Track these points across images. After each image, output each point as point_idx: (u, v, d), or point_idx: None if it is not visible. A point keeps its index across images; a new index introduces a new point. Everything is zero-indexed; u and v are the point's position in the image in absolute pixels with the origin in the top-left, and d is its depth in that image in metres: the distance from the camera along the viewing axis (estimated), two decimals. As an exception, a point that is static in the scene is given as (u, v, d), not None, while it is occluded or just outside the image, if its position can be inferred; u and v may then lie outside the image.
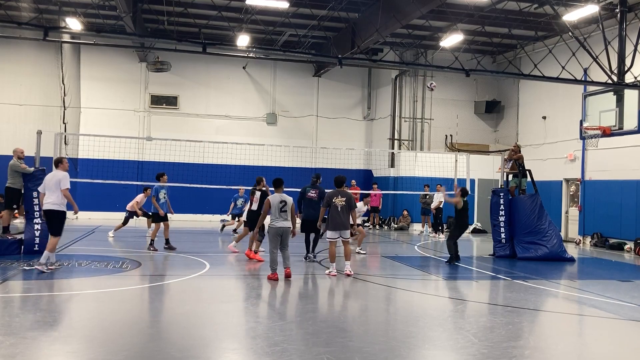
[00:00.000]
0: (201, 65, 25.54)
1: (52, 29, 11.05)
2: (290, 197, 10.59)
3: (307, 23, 20.62)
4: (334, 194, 10.99)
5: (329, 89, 27.42)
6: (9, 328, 6.54)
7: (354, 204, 11.26)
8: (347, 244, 11.17)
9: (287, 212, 10.43)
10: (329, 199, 10.99)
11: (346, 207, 11.00)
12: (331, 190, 11.13)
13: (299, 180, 22.87)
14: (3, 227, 13.04)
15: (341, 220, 10.93)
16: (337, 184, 11.18)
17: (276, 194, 10.61)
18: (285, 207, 10.41)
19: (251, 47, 21.42)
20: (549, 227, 15.15)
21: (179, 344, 6.30)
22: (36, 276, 10.12)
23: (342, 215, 10.92)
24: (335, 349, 6.19)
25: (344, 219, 10.95)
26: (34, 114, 23.26)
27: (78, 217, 23.89)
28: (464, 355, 6.19)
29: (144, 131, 25.09)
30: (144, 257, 12.76)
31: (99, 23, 18.54)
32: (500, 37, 22.07)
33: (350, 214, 11.35)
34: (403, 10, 17.29)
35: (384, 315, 8.28)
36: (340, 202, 10.94)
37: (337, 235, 11.03)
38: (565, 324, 8.21)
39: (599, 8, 15.30)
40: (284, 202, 10.42)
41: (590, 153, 19.88)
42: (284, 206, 10.39)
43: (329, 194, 11.06)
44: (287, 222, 10.46)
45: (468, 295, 10.11)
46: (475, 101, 26.16)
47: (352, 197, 11.19)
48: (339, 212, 10.93)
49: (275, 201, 10.43)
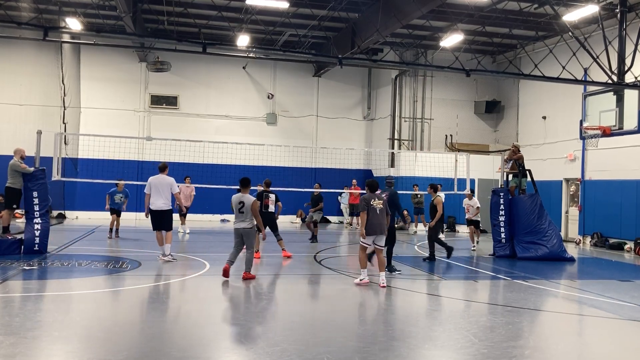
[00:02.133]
0: (201, 65, 25.54)
1: (52, 29, 11.05)
2: (252, 197, 10.24)
3: (307, 23, 20.62)
4: (370, 197, 10.23)
5: (329, 89, 27.42)
6: (9, 328, 6.54)
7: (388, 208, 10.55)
8: (380, 252, 10.29)
9: (244, 213, 10.12)
10: (367, 202, 10.17)
11: (384, 210, 10.26)
12: (366, 194, 10.34)
13: (299, 181, 23.01)
14: (3, 227, 13.03)
15: (379, 221, 10.10)
16: (372, 189, 10.35)
17: (238, 194, 10.38)
18: (243, 207, 10.13)
19: (251, 47, 21.42)
20: (549, 227, 15.15)
21: (179, 344, 6.30)
22: (36, 276, 10.12)
23: (380, 217, 10.14)
24: (335, 349, 6.19)
25: (382, 222, 10.14)
26: (34, 114, 23.25)
27: (78, 217, 23.95)
28: (464, 355, 6.19)
29: (144, 131, 25.09)
30: (144, 257, 12.76)
31: (99, 23, 18.54)
32: (500, 37, 22.06)
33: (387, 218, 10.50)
34: (403, 10, 17.29)
35: (384, 315, 8.28)
36: (378, 204, 10.16)
37: (370, 241, 10.14)
38: (565, 324, 8.21)
39: (599, 8, 15.29)
40: (242, 202, 10.15)
41: (590, 153, 19.88)
42: (241, 207, 10.13)
43: (365, 197, 10.26)
44: (245, 223, 10.15)
45: (468, 295, 10.11)
46: (475, 101, 26.16)
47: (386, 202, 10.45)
48: (377, 215, 10.12)
49: (235, 201, 10.26)
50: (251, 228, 10.18)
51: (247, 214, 10.11)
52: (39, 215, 12.87)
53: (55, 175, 14.37)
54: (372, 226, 10.06)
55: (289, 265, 12.65)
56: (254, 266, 10.59)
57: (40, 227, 12.81)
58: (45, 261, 11.76)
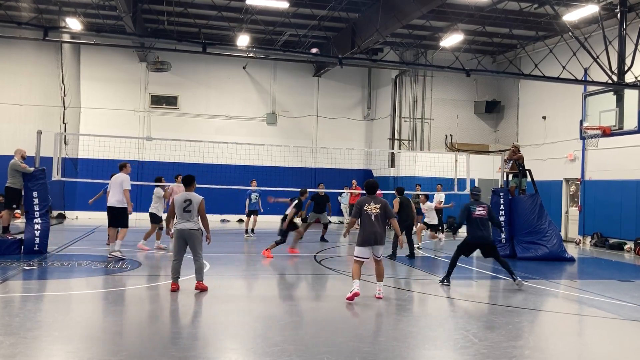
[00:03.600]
0: (201, 65, 25.54)
1: (52, 29, 11.05)
2: (201, 196, 9.15)
3: (307, 23, 20.62)
4: (366, 201, 8.93)
5: (329, 89, 27.42)
6: (9, 328, 6.54)
7: (392, 212, 9.16)
8: (379, 262, 9.06)
9: (191, 213, 8.98)
10: (359, 207, 8.90)
11: (381, 215, 8.85)
12: (362, 197, 9.10)
13: (299, 181, 23.00)
14: (3, 227, 13.04)
15: (375, 229, 8.78)
16: (370, 190, 9.09)
17: (183, 192, 9.33)
18: (189, 206, 9.00)
19: (251, 47, 21.42)
20: (549, 227, 15.15)
21: (179, 344, 6.30)
22: (36, 276, 10.11)
23: (376, 225, 8.80)
24: (335, 349, 6.19)
25: (379, 230, 8.83)
26: (34, 114, 23.25)
27: (78, 217, 23.95)
28: (464, 355, 6.19)
29: (144, 131, 25.09)
30: (144, 257, 12.76)
31: (99, 23, 18.53)
32: (500, 37, 22.06)
33: (391, 223, 9.25)
34: (403, 10, 17.28)
35: (384, 315, 8.28)
36: (373, 209, 8.85)
37: (367, 254, 8.90)
38: (565, 324, 8.21)
39: (599, 8, 15.29)
40: (189, 200, 9.03)
41: (590, 153, 19.87)
42: (188, 205, 9.01)
43: (360, 201, 8.99)
44: (191, 224, 8.98)
45: (468, 295, 10.10)
46: (475, 101, 26.16)
47: (389, 205, 9.14)
48: (372, 222, 8.78)
49: (180, 200, 9.10)
50: (197, 230, 9.04)
51: (193, 214, 9.01)
52: (39, 215, 12.88)
53: (55, 175, 14.37)
54: (367, 235, 8.78)
55: (289, 265, 12.64)
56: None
57: (40, 227, 12.81)
58: (45, 261, 11.76)
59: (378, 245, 8.88)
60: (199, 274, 9.09)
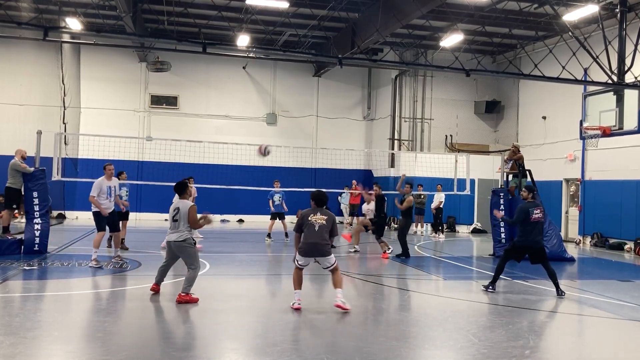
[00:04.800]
0: (201, 65, 25.54)
1: (52, 29, 11.04)
2: (190, 203, 8.45)
3: (307, 23, 20.62)
4: (311, 212, 8.24)
5: (329, 89, 27.42)
6: (9, 328, 6.54)
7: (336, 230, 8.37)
8: (336, 271, 8.23)
9: (178, 222, 8.31)
10: (302, 218, 8.23)
11: (325, 228, 8.12)
12: (307, 209, 8.38)
13: (299, 181, 23.02)
14: (3, 227, 13.03)
15: (317, 240, 8.06)
16: (318, 202, 8.34)
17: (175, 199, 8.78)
18: (177, 215, 8.33)
19: (251, 47, 21.42)
20: (549, 227, 15.13)
21: (179, 344, 6.30)
22: (36, 276, 10.11)
23: (320, 235, 8.07)
24: (335, 349, 6.19)
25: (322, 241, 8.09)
26: (34, 114, 23.25)
27: (78, 217, 23.96)
28: (464, 355, 6.19)
29: (144, 131, 25.09)
30: (144, 257, 12.76)
31: (99, 23, 18.52)
32: (500, 37, 22.06)
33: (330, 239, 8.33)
34: (403, 10, 17.29)
35: (384, 315, 8.28)
36: (319, 219, 8.12)
37: (307, 263, 8.29)
38: (565, 324, 8.21)
39: (599, 8, 15.29)
40: (177, 209, 8.35)
41: (590, 153, 19.87)
42: (175, 214, 8.35)
43: (304, 212, 8.30)
44: (177, 234, 8.31)
45: (468, 295, 10.10)
46: (475, 101, 26.16)
47: (336, 222, 8.38)
48: (315, 232, 8.06)
49: (171, 208, 8.55)
50: (184, 241, 8.29)
51: (180, 223, 8.31)
52: (39, 216, 12.88)
53: (55, 175, 14.36)
54: (308, 246, 8.06)
55: (288, 265, 12.63)
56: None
57: (40, 227, 12.81)
58: (45, 261, 11.76)
59: (323, 257, 8.16)
60: (187, 283, 8.26)
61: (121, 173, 13.75)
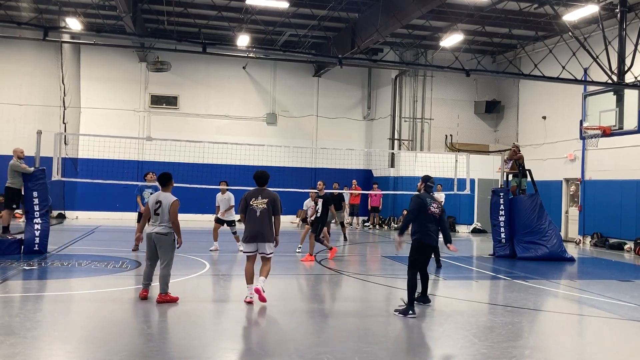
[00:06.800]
0: (201, 65, 25.54)
1: (52, 29, 11.05)
2: (173, 197, 8.36)
3: (307, 23, 20.62)
4: (252, 195, 8.30)
5: (329, 89, 27.41)
6: (9, 328, 6.54)
7: (280, 207, 8.38)
8: (267, 261, 8.35)
9: (160, 215, 8.26)
10: (245, 202, 8.28)
11: (267, 212, 8.20)
12: (250, 191, 8.41)
13: (299, 181, 23.01)
14: (3, 227, 13.04)
15: (259, 228, 8.17)
16: (258, 182, 8.40)
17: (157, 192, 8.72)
18: (159, 208, 8.28)
19: (251, 47, 21.41)
20: (549, 227, 15.15)
21: (179, 344, 6.30)
22: (36, 276, 10.10)
23: (261, 222, 8.17)
24: (335, 349, 6.19)
25: (264, 227, 8.19)
26: (34, 114, 23.25)
27: (78, 217, 23.96)
28: (464, 355, 6.19)
29: (144, 131, 25.08)
30: (143, 257, 12.74)
31: (99, 23, 18.53)
32: (500, 37, 22.06)
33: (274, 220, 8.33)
34: (403, 10, 17.28)
35: (383, 315, 8.28)
36: (259, 204, 8.20)
37: (253, 249, 8.31)
38: (565, 324, 8.21)
39: (599, 8, 15.29)
40: (159, 202, 8.32)
41: (590, 153, 19.87)
42: (157, 207, 8.30)
43: (246, 195, 8.33)
44: (161, 227, 8.26)
45: (468, 295, 10.11)
46: (475, 101, 26.16)
47: (278, 200, 8.36)
48: (257, 218, 8.17)
49: (152, 201, 8.48)
50: (166, 234, 8.28)
51: (163, 216, 8.27)
52: (39, 215, 12.87)
53: (55, 175, 14.35)
54: (250, 233, 8.19)
55: (288, 266, 12.64)
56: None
57: (40, 227, 12.81)
58: (45, 261, 11.76)
59: (264, 243, 8.24)
60: (163, 282, 8.17)
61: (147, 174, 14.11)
